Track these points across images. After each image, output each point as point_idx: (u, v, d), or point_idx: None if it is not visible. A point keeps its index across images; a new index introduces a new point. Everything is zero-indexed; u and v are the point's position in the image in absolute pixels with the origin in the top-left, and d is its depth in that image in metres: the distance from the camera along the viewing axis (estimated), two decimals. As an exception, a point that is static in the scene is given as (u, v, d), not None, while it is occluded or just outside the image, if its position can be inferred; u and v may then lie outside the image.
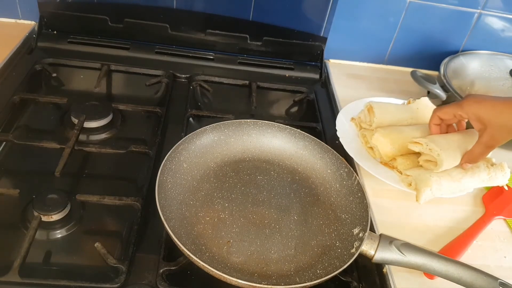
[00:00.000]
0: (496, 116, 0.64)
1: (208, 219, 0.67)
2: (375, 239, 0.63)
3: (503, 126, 0.64)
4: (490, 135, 0.66)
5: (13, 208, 0.67)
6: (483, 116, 0.65)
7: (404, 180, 0.78)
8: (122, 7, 1.03)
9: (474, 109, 0.67)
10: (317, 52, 1.10)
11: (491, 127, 0.65)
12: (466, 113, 0.68)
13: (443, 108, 0.72)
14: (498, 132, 0.65)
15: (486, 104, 0.66)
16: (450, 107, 0.70)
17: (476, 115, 0.66)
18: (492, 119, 0.65)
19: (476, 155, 0.70)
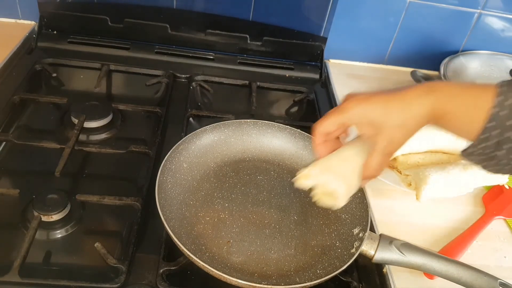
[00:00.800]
0: (390, 115, 0.51)
1: (208, 219, 0.67)
2: (375, 239, 0.63)
3: (400, 126, 0.51)
4: (388, 140, 0.52)
5: (13, 208, 0.67)
6: (375, 117, 0.52)
7: (404, 180, 0.78)
8: (122, 7, 1.03)
9: (360, 111, 0.53)
10: (317, 52, 1.10)
11: (387, 130, 0.52)
12: (351, 119, 0.54)
13: (323, 121, 0.55)
14: (396, 134, 0.52)
15: (374, 102, 0.52)
16: (331, 117, 0.54)
17: (367, 118, 0.52)
18: (386, 118, 0.51)
19: (375, 167, 0.55)
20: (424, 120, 0.51)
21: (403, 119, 0.51)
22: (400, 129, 0.52)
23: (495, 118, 0.47)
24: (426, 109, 0.51)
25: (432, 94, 0.51)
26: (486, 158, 0.49)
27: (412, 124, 0.52)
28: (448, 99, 0.50)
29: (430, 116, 0.51)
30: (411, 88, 0.52)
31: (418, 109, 0.51)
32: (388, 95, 0.53)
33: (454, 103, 0.50)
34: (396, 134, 0.52)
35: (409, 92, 0.52)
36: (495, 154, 0.48)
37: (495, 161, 0.49)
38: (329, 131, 0.56)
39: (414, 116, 0.51)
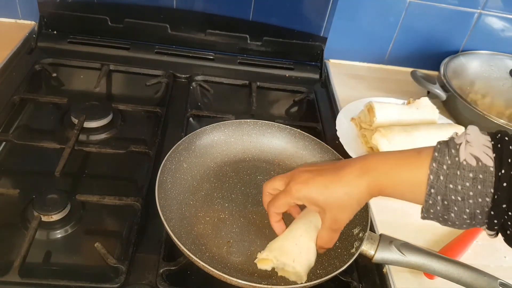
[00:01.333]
0: (331, 198, 0.54)
1: (208, 219, 0.67)
2: (375, 239, 0.63)
3: (342, 206, 0.55)
4: (332, 219, 0.56)
5: (13, 208, 0.67)
6: (318, 200, 0.55)
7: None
8: (122, 7, 1.03)
9: (305, 193, 0.56)
10: (317, 52, 1.10)
11: (331, 210, 0.55)
12: (298, 200, 0.57)
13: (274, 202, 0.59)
14: (339, 213, 0.55)
15: (315, 184, 0.55)
16: (280, 198, 0.58)
17: (311, 200, 0.56)
18: (328, 201, 0.55)
19: (326, 241, 0.59)
20: (364, 197, 0.54)
21: (343, 200, 0.54)
22: (342, 209, 0.55)
23: (433, 185, 0.48)
24: (364, 188, 0.53)
25: (366, 174, 0.53)
26: (442, 220, 0.51)
27: (353, 203, 0.55)
28: (384, 176, 0.52)
29: (370, 193, 0.54)
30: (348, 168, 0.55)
31: (356, 190, 0.54)
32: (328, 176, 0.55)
33: (390, 179, 0.52)
34: (339, 213, 0.56)
35: (346, 173, 0.55)
36: (447, 216, 0.49)
37: (451, 221, 0.50)
38: (281, 211, 0.60)
39: (353, 197, 0.54)
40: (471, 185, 0.46)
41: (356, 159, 0.56)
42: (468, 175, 0.46)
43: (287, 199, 0.58)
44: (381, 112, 0.85)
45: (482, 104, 0.99)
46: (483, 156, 0.46)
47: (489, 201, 0.46)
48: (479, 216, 0.48)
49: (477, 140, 0.47)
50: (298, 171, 0.59)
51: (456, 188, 0.47)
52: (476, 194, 0.46)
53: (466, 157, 0.47)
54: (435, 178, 0.48)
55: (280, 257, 0.58)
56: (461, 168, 0.47)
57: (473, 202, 0.47)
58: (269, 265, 0.59)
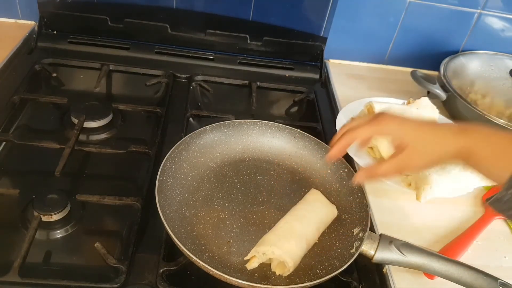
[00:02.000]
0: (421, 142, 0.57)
1: (208, 219, 0.67)
2: (375, 239, 0.63)
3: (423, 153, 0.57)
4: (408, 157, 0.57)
5: (13, 208, 0.67)
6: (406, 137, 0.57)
7: (404, 180, 0.78)
8: (122, 7, 1.03)
9: (394, 128, 0.59)
10: (317, 52, 1.10)
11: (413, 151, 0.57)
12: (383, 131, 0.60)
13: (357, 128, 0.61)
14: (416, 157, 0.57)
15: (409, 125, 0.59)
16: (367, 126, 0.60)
17: (400, 135, 0.58)
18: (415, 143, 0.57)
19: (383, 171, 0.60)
20: (449, 156, 0.55)
21: (430, 148, 0.56)
22: (422, 155, 0.57)
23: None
24: (453, 147, 0.54)
25: (463, 134, 0.54)
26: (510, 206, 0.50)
27: (435, 156, 0.56)
28: (477, 143, 0.53)
29: (457, 154, 0.54)
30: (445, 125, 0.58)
31: (446, 145, 0.55)
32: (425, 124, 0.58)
33: (483, 147, 0.52)
34: (416, 157, 0.57)
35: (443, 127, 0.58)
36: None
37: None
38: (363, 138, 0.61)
39: (439, 150, 0.55)
40: None
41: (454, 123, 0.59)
42: None
43: (373, 129, 0.59)
44: (381, 112, 0.85)
45: (482, 104, 0.99)
46: None
47: None
48: None
49: None
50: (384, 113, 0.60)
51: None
52: None
53: None
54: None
55: (258, 247, 0.60)
56: None
57: None
58: (255, 262, 0.60)
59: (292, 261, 0.59)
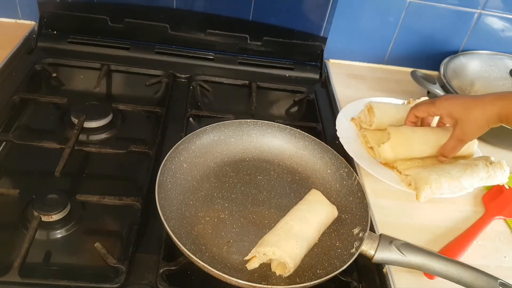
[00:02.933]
0: (467, 113, 0.70)
1: (208, 219, 0.67)
2: (375, 239, 0.63)
3: (473, 122, 0.69)
4: (461, 130, 0.71)
5: (13, 208, 0.67)
6: (454, 113, 0.71)
7: (404, 180, 0.78)
8: (122, 7, 1.03)
9: (445, 106, 0.73)
10: (317, 52, 1.10)
11: (462, 122, 0.71)
12: (438, 110, 0.74)
13: (419, 106, 0.77)
14: (468, 126, 0.70)
15: (457, 101, 0.72)
16: (424, 106, 0.76)
17: (448, 111, 0.72)
18: (463, 115, 0.70)
19: (450, 149, 0.75)
20: (492, 118, 0.68)
21: (475, 115, 0.69)
22: (472, 123, 0.70)
23: None
24: (495, 110, 0.67)
25: (500, 100, 0.67)
26: None
27: (482, 120, 0.69)
28: None
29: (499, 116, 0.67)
30: (488, 94, 0.70)
31: (488, 110, 0.68)
32: (468, 98, 0.72)
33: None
34: (469, 126, 0.71)
35: (482, 97, 0.70)
36: None
37: None
38: (420, 115, 0.79)
39: (484, 115, 0.68)
40: None
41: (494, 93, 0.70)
42: None
43: (429, 107, 0.75)
44: (381, 112, 0.85)
45: (482, 104, 0.98)
46: None
47: None
48: None
49: None
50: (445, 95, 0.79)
51: None
52: None
53: None
54: None
55: (259, 248, 0.60)
56: None
57: None
58: (255, 262, 0.60)
59: (292, 262, 0.59)
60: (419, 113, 0.78)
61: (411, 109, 0.79)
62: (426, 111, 0.76)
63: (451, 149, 0.75)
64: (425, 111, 0.77)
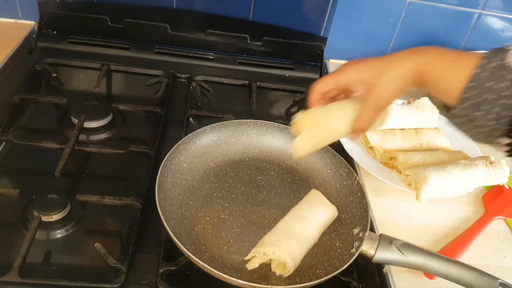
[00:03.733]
0: (381, 73, 0.57)
1: (208, 219, 0.67)
2: (375, 239, 0.63)
3: (389, 83, 0.57)
4: (377, 95, 0.58)
5: (13, 208, 0.67)
6: (367, 76, 0.58)
7: (404, 180, 0.78)
8: (122, 7, 1.03)
9: (354, 71, 0.59)
10: (317, 52, 1.10)
11: (378, 85, 0.57)
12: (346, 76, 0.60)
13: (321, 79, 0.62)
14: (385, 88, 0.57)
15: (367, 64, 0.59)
16: (328, 77, 0.61)
17: (359, 75, 0.59)
18: (377, 76, 0.57)
19: (366, 119, 0.60)
20: (409, 77, 0.56)
21: (390, 76, 0.57)
22: (388, 85, 0.57)
23: (476, 78, 0.50)
24: (411, 67, 0.56)
25: (417, 54, 0.56)
26: (466, 120, 0.52)
27: (398, 81, 0.57)
28: (431, 59, 0.55)
29: (415, 74, 0.56)
30: (399, 52, 0.58)
31: (404, 67, 0.56)
32: (379, 58, 0.59)
33: (437, 63, 0.54)
34: (384, 89, 0.57)
35: (397, 54, 0.58)
36: (474, 115, 0.51)
37: (474, 123, 0.52)
38: (325, 90, 0.61)
39: (400, 74, 0.56)
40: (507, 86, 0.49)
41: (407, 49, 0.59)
42: (507, 76, 0.49)
43: (335, 77, 0.60)
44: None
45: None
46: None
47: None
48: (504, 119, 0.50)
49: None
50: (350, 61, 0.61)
51: (493, 87, 0.49)
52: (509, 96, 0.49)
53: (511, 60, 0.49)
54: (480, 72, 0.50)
55: (259, 248, 0.60)
56: (503, 69, 0.49)
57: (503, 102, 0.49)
58: (255, 262, 0.60)
59: (292, 262, 0.59)
60: (324, 85, 0.61)
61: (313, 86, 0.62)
62: (332, 82, 0.61)
63: (367, 119, 0.60)
64: (331, 82, 0.61)
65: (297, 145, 0.61)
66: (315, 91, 0.62)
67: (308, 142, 0.61)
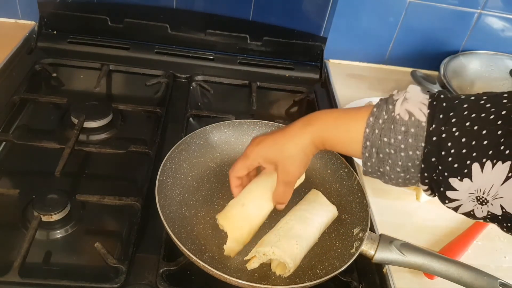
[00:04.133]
0: (282, 150, 0.59)
1: (208, 219, 0.67)
2: (375, 239, 0.63)
3: (291, 159, 0.59)
4: (283, 171, 0.60)
5: (13, 208, 0.67)
6: (271, 156, 0.60)
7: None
8: (122, 7, 1.03)
9: (258, 152, 0.61)
10: (317, 52, 1.10)
11: (282, 163, 0.59)
12: (254, 160, 0.62)
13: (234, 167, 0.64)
14: (290, 164, 0.59)
15: (267, 142, 0.60)
16: (240, 163, 0.63)
17: (263, 157, 0.61)
18: (280, 154, 0.59)
19: (281, 195, 0.63)
20: (309, 148, 0.58)
21: (291, 153, 0.58)
22: (291, 160, 0.59)
23: (369, 138, 0.51)
24: (307, 139, 0.57)
25: (309, 125, 0.57)
26: (379, 175, 0.53)
27: (300, 155, 0.58)
28: (326, 126, 0.56)
29: (315, 143, 0.57)
30: (293, 124, 0.60)
31: (301, 141, 0.57)
32: (277, 134, 0.60)
33: (332, 129, 0.55)
34: (289, 165, 0.59)
35: (291, 128, 0.59)
36: (383, 169, 0.52)
37: (387, 175, 0.52)
38: (242, 175, 0.64)
39: (300, 149, 0.58)
40: (403, 138, 0.48)
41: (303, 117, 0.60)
42: (400, 128, 0.48)
43: (244, 162, 0.62)
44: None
45: (482, 104, 0.98)
46: (417, 111, 0.48)
47: (420, 155, 0.48)
48: (411, 170, 0.50)
49: (415, 98, 0.50)
50: (252, 140, 0.63)
51: (389, 141, 0.49)
52: (407, 147, 0.48)
53: (400, 111, 0.49)
54: (370, 132, 0.50)
55: (259, 248, 0.60)
56: (394, 122, 0.49)
57: (404, 155, 0.49)
58: (255, 262, 0.60)
59: (292, 262, 0.59)
60: (239, 173, 0.63)
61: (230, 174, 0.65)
62: (243, 167, 0.63)
63: (282, 195, 0.63)
64: (242, 168, 0.63)
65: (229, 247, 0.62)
66: (233, 177, 0.64)
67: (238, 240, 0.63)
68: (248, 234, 0.64)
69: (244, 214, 0.63)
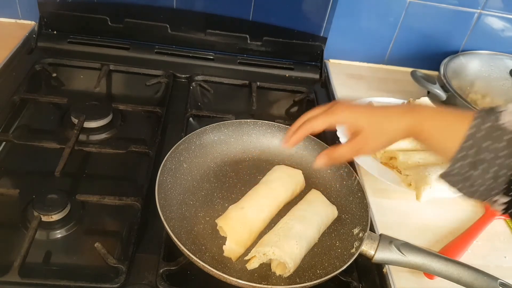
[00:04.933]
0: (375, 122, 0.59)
1: (208, 219, 0.67)
2: (375, 239, 0.63)
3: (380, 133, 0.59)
4: (363, 139, 0.59)
5: (13, 208, 0.67)
6: (361, 121, 0.59)
7: (404, 180, 0.78)
8: (122, 7, 1.03)
9: (351, 114, 0.60)
10: (317, 52, 1.10)
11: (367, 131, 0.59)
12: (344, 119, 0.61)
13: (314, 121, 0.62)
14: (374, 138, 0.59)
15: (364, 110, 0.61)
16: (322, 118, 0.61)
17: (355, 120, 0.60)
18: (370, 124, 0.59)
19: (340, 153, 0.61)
20: (401, 133, 0.58)
21: (383, 126, 0.59)
22: (379, 134, 0.59)
23: (472, 137, 0.51)
24: (405, 125, 0.57)
25: (412, 113, 0.57)
26: (462, 179, 0.52)
27: (389, 135, 0.59)
28: (425, 119, 0.56)
29: (408, 131, 0.57)
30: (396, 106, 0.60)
31: (397, 123, 0.58)
32: (375, 108, 0.61)
33: (431, 122, 0.55)
34: (371, 139, 0.59)
35: (392, 108, 0.61)
36: (470, 174, 0.51)
37: (470, 182, 0.52)
38: (320, 129, 0.62)
39: (395, 129, 0.58)
40: (504, 146, 0.49)
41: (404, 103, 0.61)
42: (503, 137, 0.49)
43: (329, 118, 0.61)
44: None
45: (482, 104, 0.99)
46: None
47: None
48: (501, 178, 0.50)
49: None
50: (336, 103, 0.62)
51: (489, 147, 0.50)
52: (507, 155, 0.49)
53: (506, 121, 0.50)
54: (476, 132, 0.51)
55: (259, 248, 0.60)
56: (499, 129, 0.50)
57: (501, 162, 0.49)
58: (255, 262, 0.60)
59: (292, 262, 0.59)
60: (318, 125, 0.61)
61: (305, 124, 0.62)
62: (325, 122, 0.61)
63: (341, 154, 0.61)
64: (325, 122, 0.61)
65: (229, 249, 0.62)
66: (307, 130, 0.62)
67: (238, 242, 0.63)
68: (249, 236, 0.64)
69: (243, 216, 0.64)
